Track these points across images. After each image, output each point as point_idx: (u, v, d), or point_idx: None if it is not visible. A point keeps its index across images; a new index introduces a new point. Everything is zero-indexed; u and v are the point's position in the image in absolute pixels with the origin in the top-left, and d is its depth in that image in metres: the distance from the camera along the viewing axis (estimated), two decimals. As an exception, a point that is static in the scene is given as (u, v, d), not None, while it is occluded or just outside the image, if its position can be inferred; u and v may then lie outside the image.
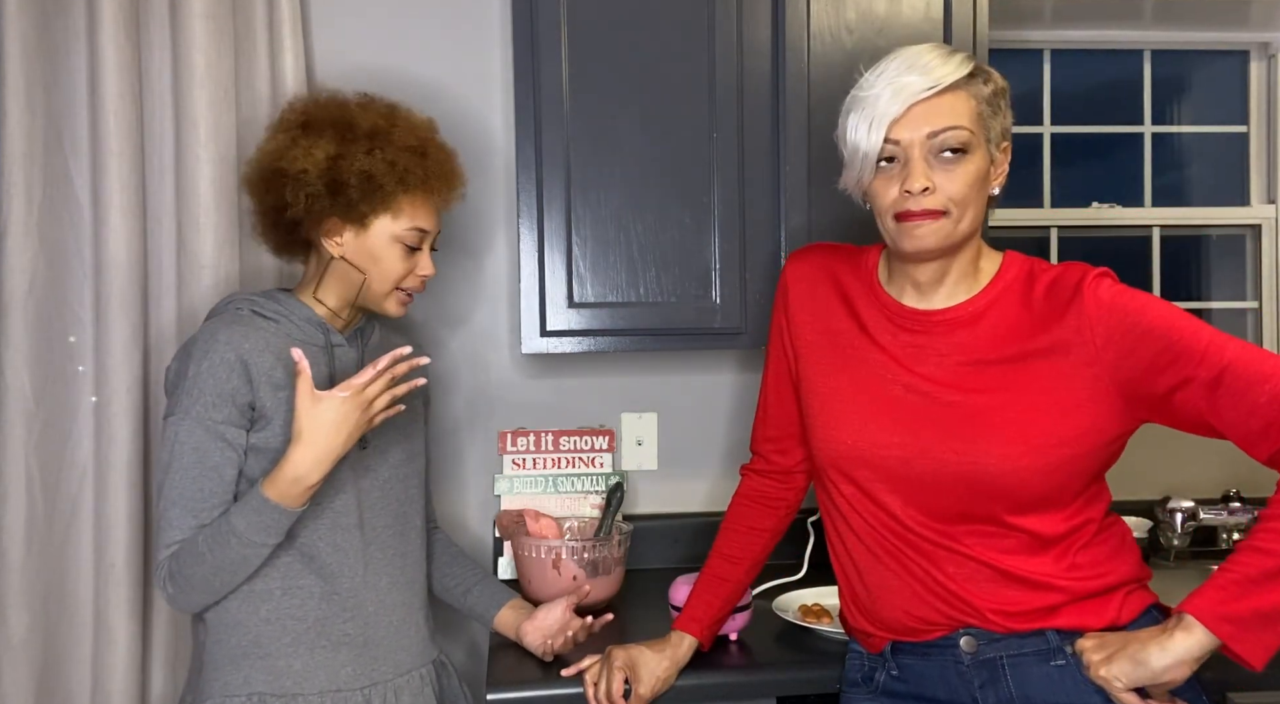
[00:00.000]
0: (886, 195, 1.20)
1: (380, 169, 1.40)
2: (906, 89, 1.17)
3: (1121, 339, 1.16)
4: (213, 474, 1.33)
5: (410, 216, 1.45)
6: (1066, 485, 1.21)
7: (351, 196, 1.40)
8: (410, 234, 1.45)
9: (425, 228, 1.46)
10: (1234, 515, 2.07)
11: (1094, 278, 1.20)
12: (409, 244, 1.45)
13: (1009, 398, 1.19)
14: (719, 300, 1.72)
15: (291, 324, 1.43)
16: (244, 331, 1.37)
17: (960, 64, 1.19)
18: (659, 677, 1.39)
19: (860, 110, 1.20)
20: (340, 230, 1.44)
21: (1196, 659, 1.10)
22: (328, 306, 1.48)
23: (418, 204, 1.45)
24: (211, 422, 1.33)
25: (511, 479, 1.97)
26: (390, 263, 1.44)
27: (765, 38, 1.71)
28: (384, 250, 1.44)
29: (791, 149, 1.71)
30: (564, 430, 2.00)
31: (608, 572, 1.74)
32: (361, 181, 1.40)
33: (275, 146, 1.44)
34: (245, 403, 1.35)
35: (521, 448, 1.99)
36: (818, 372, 1.33)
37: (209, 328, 1.37)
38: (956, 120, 1.17)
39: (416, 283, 1.48)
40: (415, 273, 1.47)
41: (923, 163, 1.17)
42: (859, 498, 1.27)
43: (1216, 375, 1.12)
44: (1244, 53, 2.37)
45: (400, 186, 1.42)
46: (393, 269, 1.45)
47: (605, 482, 1.98)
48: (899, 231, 1.20)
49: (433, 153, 1.47)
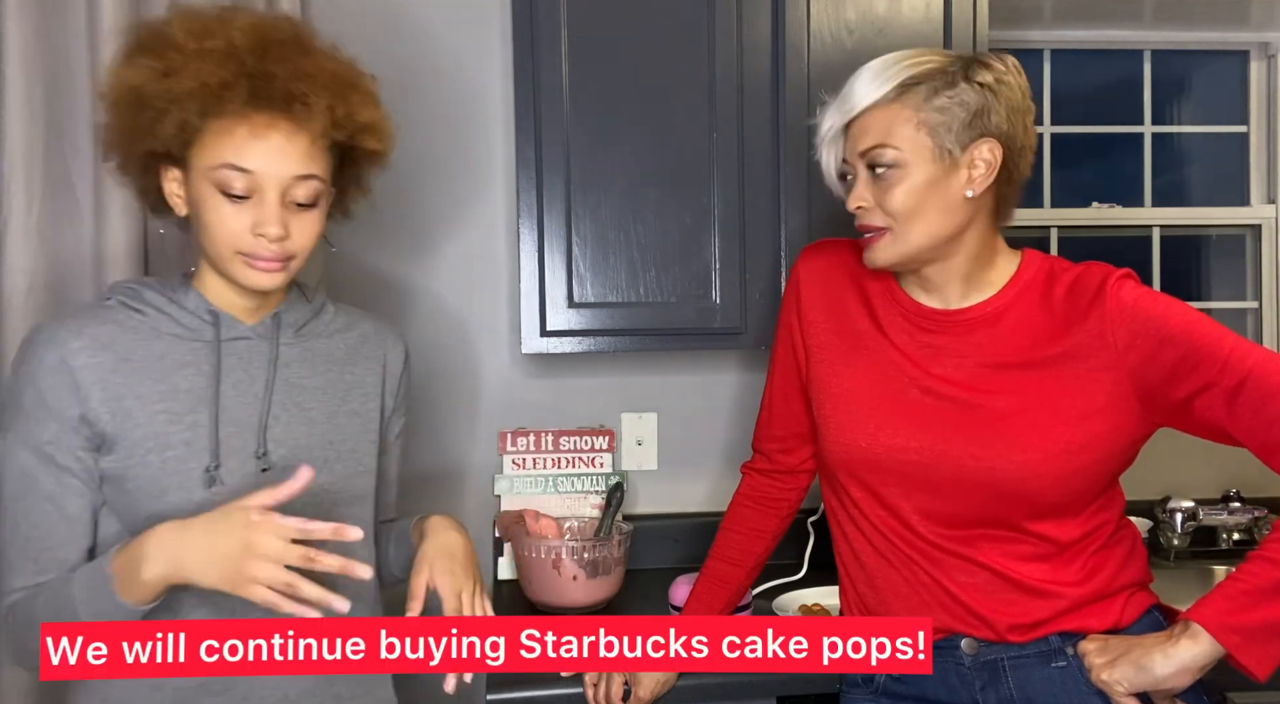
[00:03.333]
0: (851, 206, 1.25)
1: (152, 86, 1.07)
2: (837, 112, 1.24)
3: (1143, 344, 1.15)
4: (47, 507, 1.08)
5: (215, 148, 1.08)
6: (1084, 491, 1.20)
7: (130, 127, 1.11)
8: (222, 174, 1.08)
9: (241, 164, 1.08)
10: (1234, 515, 2.07)
11: (1116, 280, 1.18)
12: (227, 190, 1.08)
13: (1029, 402, 1.18)
14: (719, 300, 1.72)
15: (164, 316, 1.15)
16: (78, 326, 1.10)
17: (891, 77, 1.19)
18: (659, 680, 1.39)
19: (818, 135, 1.28)
20: (170, 175, 1.14)
21: (1200, 667, 1.10)
22: (215, 287, 1.17)
23: (227, 131, 1.08)
24: (37, 442, 1.07)
25: (511, 479, 1.97)
26: (210, 219, 1.09)
27: (765, 38, 1.71)
28: (203, 202, 1.10)
29: (791, 149, 1.71)
30: (564, 430, 2.00)
31: (608, 572, 1.74)
32: (131, 105, 1.09)
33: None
34: (75, 417, 1.08)
35: (521, 448, 1.98)
36: (831, 372, 1.31)
37: (38, 324, 1.15)
38: (881, 138, 1.19)
39: (259, 247, 1.10)
40: (254, 230, 1.09)
41: (862, 181, 1.22)
42: (869, 501, 1.26)
43: (1238, 383, 1.11)
44: (1244, 53, 2.37)
45: (175, 107, 1.07)
46: (214, 228, 1.10)
47: (605, 482, 1.98)
48: (864, 249, 1.25)
49: (240, 60, 1.08)
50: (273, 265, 1.12)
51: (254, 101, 1.08)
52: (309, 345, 1.24)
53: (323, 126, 1.11)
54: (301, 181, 1.11)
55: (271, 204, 1.09)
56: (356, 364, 1.28)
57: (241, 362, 1.17)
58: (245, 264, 1.11)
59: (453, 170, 1.99)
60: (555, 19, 1.67)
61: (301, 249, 1.14)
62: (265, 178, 1.09)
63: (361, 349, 1.29)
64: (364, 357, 1.29)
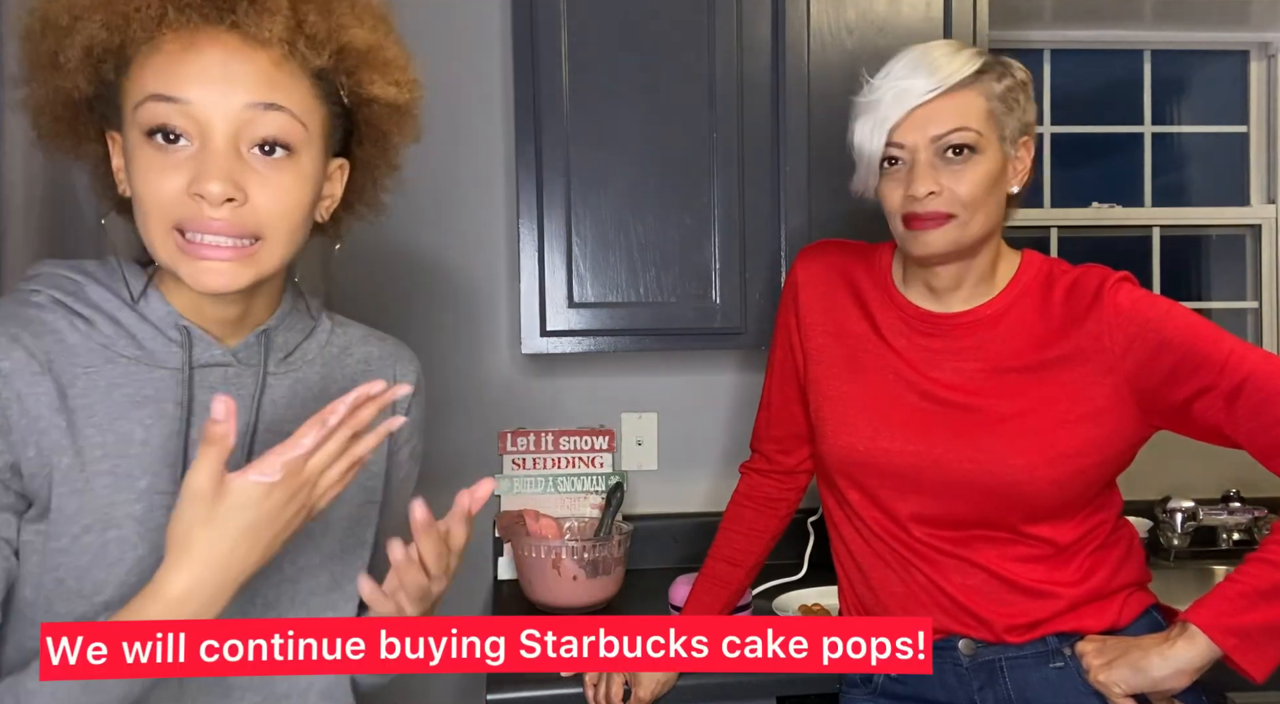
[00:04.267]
0: (893, 198, 1.19)
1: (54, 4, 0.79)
2: (909, 92, 1.15)
3: (1142, 347, 1.15)
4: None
5: (140, 78, 0.78)
6: (1082, 493, 1.20)
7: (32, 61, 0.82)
8: (147, 111, 0.77)
9: (169, 92, 0.77)
10: (1234, 515, 2.07)
11: (1114, 283, 1.18)
12: (152, 128, 0.77)
13: (1027, 406, 1.18)
14: (719, 300, 1.72)
15: (119, 330, 0.84)
16: (11, 333, 0.79)
17: (967, 61, 1.17)
18: (659, 680, 1.39)
19: (865, 114, 1.19)
20: (114, 144, 0.85)
21: (1198, 669, 1.10)
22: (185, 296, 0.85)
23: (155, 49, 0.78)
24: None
25: (511, 479, 1.97)
26: (137, 180, 0.79)
27: (765, 38, 1.71)
28: (131, 158, 0.79)
29: (791, 149, 1.71)
30: (564, 430, 2.00)
31: (608, 572, 1.74)
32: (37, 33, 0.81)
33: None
34: (4, 465, 0.78)
35: (521, 448, 1.98)
36: (829, 375, 1.31)
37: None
38: (962, 121, 1.15)
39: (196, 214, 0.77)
40: (190, 189, 0.77)
41: (928, 166, 1.16)
42: (866, 504, 1.26)
43: (1236, 386, 1.11)
44: (1244, 53, 2.37)
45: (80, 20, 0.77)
46: (144, 191, 0.78)
47: (605, 482, 1.98)
48: (907, 237, 1.19)
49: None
50: (221, 247, 0.78)
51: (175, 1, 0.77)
52: (300, 376, 0.92)
53: (286, 39, 0.79)
54: (260, 113, 0.78)
55: (217, 149, 0.77)
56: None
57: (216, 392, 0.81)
58: (183, 250, 0.78)
59: (453, 170, 1.99)
60: (555, 19, 1.67)
61: (270, 223, 0.80)
62: (204, 109, 0.77)
63: (363, 380, 0.86)
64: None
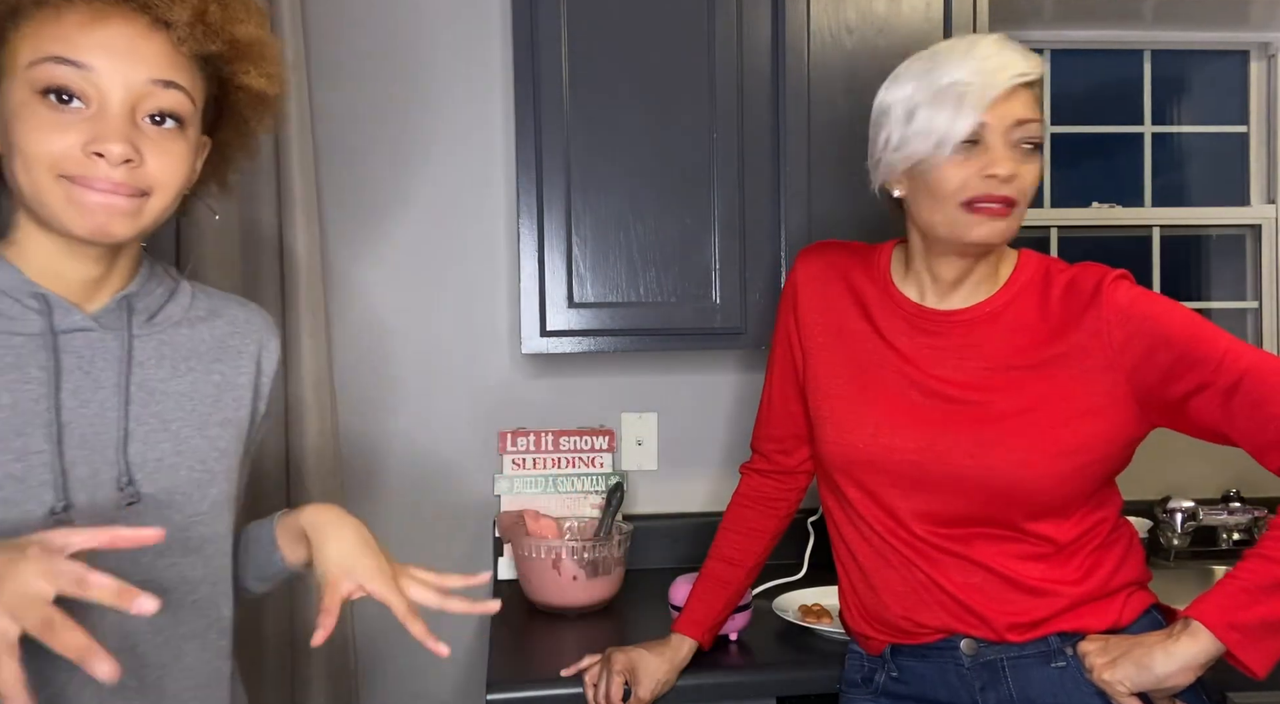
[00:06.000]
0: (955, 178, 1.15)
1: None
2: (1006, 69, 1.13)
3: (1139, 344, 1.15)
4: None
5: (35, 40, 0.82)
6: (1082, 490, 1.20)
7: None
8: (43, 70, 0.81)
9: (71, 56, 0.81)
10: (1234, 515, 2.07)
11: (1112, 280, 1.19)
12: (48, 88, 0.82)
13: (1028, 402, 1.18)
14: (719, 300, 1.72)
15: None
16: None
17: (1037, 63, 1.18)
18: (659, 680, 1.39)
19: (949, 94, 1.13)
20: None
21: (1201, 665, 1.10)
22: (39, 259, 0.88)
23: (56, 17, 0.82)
24: None
25: (511, 479, 1.97)
26: (24, 134, 0.82)
27: (765, 38, 1.71)
28: (14, 114, 0.82)
29: (791, 149, 1.71)
30: (564, 430, 2.00)
31: (608, 572, 1.74)
32: None
33: None
34: None
35: (521, 448, 1.98)
36: (829, 374, 1.31)
37: None
38: (1037, 114, 1.16)
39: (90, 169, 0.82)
40: (88, 147, 0.82)
41: (1010, 147, 1.15)
42: (866, 502, 1.26)
43: (1233, 383, 1.11)
44: (1244, 53, 2.37)
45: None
46: (28, 145, 0.82)
47: (605, 482, 1.98)
48: (966, 220, 1.16)
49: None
50: (116, 196, 0.83)
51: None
52: (166, 337, 0.96)
53: (188, 25, 0.85)
54: (160, 89, 0.84)
55: (116, 115, 0.82)
56: (225, 360, 1.00)
57: (81, 362, 0.89)
58: (70, 195, 0.82)
59: (453, 170, 1.99)
60: (555, 19, 1.67)
61: (162, 183, 0.86)
62: (107, 78, 0.82)
63: (230, 342, 1.01)
64: (233, 351, 1.02)
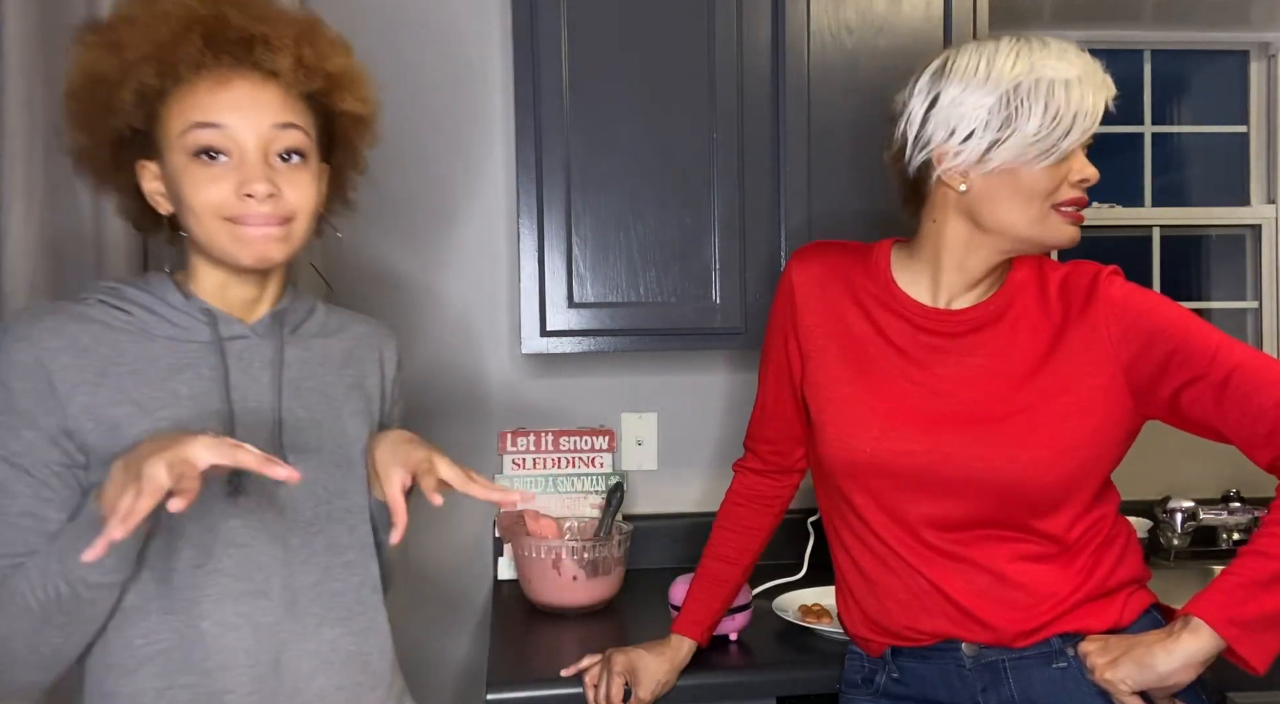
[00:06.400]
0: (1054, 176, 1.16)
1: (104, 61, 1.01)
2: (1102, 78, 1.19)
3: (1135, 337, 1.17)
4: (25, 522, 0.97)
5: (181, 112, 1.01)
6: (1083, 486, 1.20)
7: (91, 114, 1.03)
8: (192, 136, 1.00)
9: (210, 119, 1.00)
10: (1234, 515, 2.07)
11: (1106, 276, 1.21)
12: (198, 151, 1.00)
13: (1031, 400, 1.19)
14: (719, 300, 1.72)
15: (153, 316, 1.05)
16: (53, 326, 1.00)
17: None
18: (659, 680, 1.39)
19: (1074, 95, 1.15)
20: (148, 171, 1.06)
21: (1202, 662, 1.10)
22: (208, 284, 1.09)
23: (190, 89, 1.01)
24: (8, 453, 0.97)
25: (511, 479, 1.97)
26: (189, 191, 1.00)
27: (765, 38, 1.71)
28: (178, 176, 1.01)
29: (791, 149, 1.71)
30: (564, 430, 2.00)
31: (608, 572, 1.74)
32: (88, 88, 1.02)
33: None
34: (53, 427, 0.98)
35: (521, 448, 1.98)
36: (830, 377, 1.29)
37: (4, 322, 1.05)
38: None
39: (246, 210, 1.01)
40: (239, 192, 1.00)
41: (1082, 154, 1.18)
42: (870, 507, 1.25)
43: (1225, 377, 1.13)
44: (1244, 53, 2.37)
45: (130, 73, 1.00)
46: (194, 198, 1.00)
47: (605, 482, 1.98)
48: (1058, 226, 1.18)
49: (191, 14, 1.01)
50: (269, 226, 1.02)
51: (212, 49, 1.00)
52: (307, 346, 1.15)
53: (291, 71, 1.03)
54: (282, 131, 1.03)
55: (254, 161, 1.01)
56: (353, 366, 1.20)
57: (241, 363, 1.08)
58: (234, 234, 1.01)
59: (453, 170, 1.99)
60: (555, 19, 1.67)
61: (300, 208, 1.05)
62: (240, 131, 1.01)
63: (357, 352, 1.22)
64: (358, 358, 1.22)
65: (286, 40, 1.03)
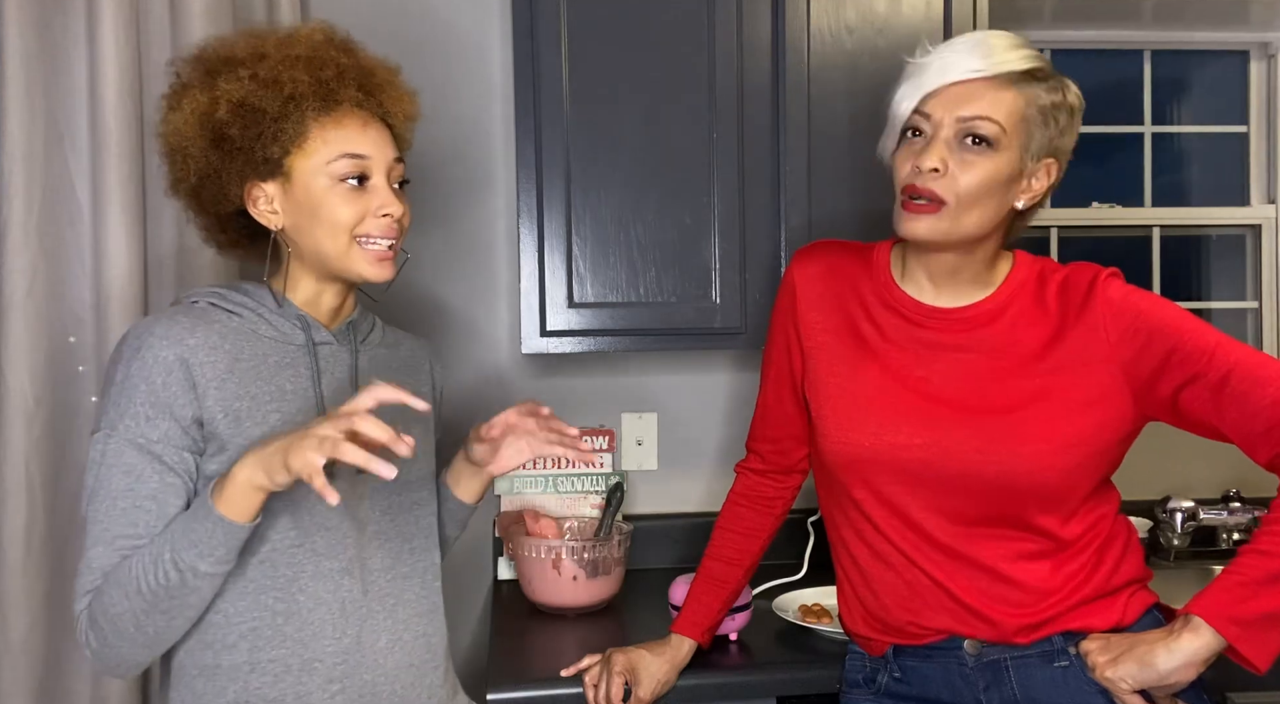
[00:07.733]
0: (902, 168, 1.19)
1: (259, 94, 1.14)
2: (954, 66, 1.16)
3: (1134, 338, 1.17)
4: (149, 506, 1.07)
5: (330, 143, 1.16)
6: (1083, 484, 1.21)
7: (239, 141, 1.15)
8: (343, 164, 1.16)
9: (360, 152, 1.17)
10: (1234, 515, 2.07)
11: (1105, 278, 1.21)
12: (347, 177, 1.17)
13: (1031, 397, 1.19)
14: (719, 300, 1.72)
15: (260, 318, 1.19)
16: (189, 325, 1.12)
17: (1024, 59, 1.17)
18: (659, 680, 1.39)
19: (910, 78, 1.19)
20: (262, 192, 1.19)
21: (1203, 661, 1.10)
22: (302, 294, 1.23)
23: (338, 125, 1.17)
24: (145, 440, 1.07)
25: (511, 479, 1.97)
26: (333, 209, 1.16)
27: (765, 38, 1.71)
28: (322, 197, 1.16)
29: (791, 149, 1.71)
30: (564, 430, 2.00)
31: (608, 572, 1.74)
32: (241, 118, 1.14)
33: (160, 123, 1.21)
34: (188, 418, 1.09)
35: (521, 448, 1.98)
36: (830, 374, 1.30)
37: (144, 321, 1.13)
38: (991, 112, 1.14)
39: (382, 227, 1.18)
40: (373, 214, 1.18)
41: (944, 144, 1.16)
42: (872, 503, 1.26)
43: (1223, 375, 1.13)
44: (1244, 53, 2.37)
45: (294, 108, 1.14)
46: (338, 215, 1.16)
47: (605, 482, 1.98)
48: (899, 214, 1.20)
49: (333, 60, 1.19)
50: (384, 249, 1.19)
51: (360, 93, 1.19)
52: (373, 354, 1.30)
53: (396, 117, 1.25)
54: (396, 165, 1.22)
55: (385, 187, 1.19)
56: (409, 375, 1.35)
57: (327, 366, 1.22)
58: (363, 253, 1.18)
59: (453, 170, 1.99)
60: (555, 19, 1.67)
61: (406, 227, 1.24)
62: (377, 163, 1.19)
63: (411, 362, 1.37)
64: (414, 369, 1.37)
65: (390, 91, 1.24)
